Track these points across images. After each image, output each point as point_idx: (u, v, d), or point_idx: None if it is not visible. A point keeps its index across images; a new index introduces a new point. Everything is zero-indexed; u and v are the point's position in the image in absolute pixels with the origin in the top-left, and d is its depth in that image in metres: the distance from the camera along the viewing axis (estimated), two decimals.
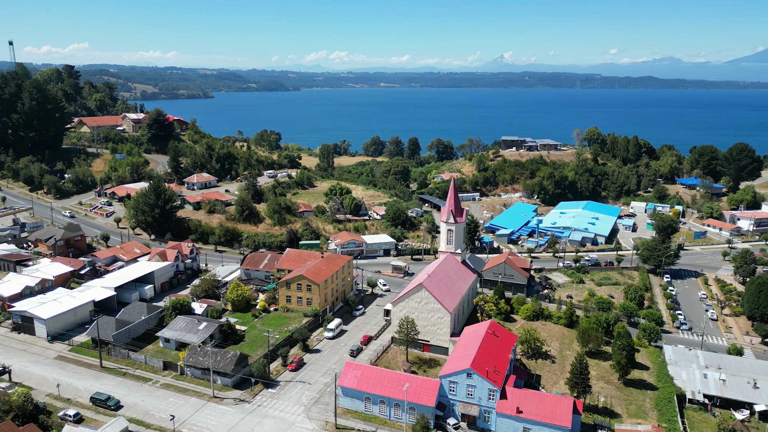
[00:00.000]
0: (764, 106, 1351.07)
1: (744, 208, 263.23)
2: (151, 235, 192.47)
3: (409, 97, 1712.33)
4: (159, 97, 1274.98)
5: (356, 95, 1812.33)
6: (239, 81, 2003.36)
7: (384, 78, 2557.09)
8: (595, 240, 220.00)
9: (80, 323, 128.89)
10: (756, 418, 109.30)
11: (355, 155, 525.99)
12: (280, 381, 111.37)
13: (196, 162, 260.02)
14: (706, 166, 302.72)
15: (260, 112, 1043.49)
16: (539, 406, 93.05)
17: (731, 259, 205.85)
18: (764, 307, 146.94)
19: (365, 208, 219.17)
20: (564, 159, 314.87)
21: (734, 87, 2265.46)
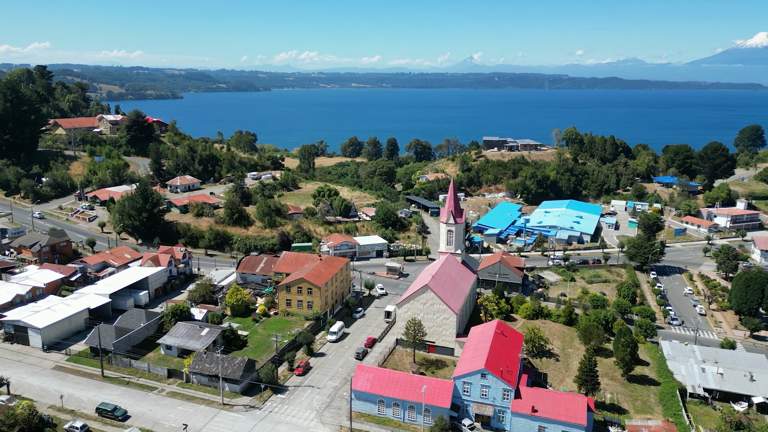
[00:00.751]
0: (724, 106, 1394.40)
1: (720, 205, 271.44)
2: (138, 239, 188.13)
3: (382, 97, 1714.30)
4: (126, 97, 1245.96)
5: (328, 96, 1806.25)
6: (208, 81, 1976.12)
7: (355, 78, 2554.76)
8: (581, 238, 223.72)
9: (75, 332, 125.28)
10: (754, 410, 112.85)
11: (332, 156, 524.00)
12: (288, 386, 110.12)
13: (178, 164, 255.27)
14: (681, 164, 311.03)
15: (232, 113, 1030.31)
16: (554, 405, 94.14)
17: (712, 255, 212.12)
18: (752, 302, 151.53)
19: (355, 209, 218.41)
20: (544, 159, 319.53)
21: (695, 87, 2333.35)
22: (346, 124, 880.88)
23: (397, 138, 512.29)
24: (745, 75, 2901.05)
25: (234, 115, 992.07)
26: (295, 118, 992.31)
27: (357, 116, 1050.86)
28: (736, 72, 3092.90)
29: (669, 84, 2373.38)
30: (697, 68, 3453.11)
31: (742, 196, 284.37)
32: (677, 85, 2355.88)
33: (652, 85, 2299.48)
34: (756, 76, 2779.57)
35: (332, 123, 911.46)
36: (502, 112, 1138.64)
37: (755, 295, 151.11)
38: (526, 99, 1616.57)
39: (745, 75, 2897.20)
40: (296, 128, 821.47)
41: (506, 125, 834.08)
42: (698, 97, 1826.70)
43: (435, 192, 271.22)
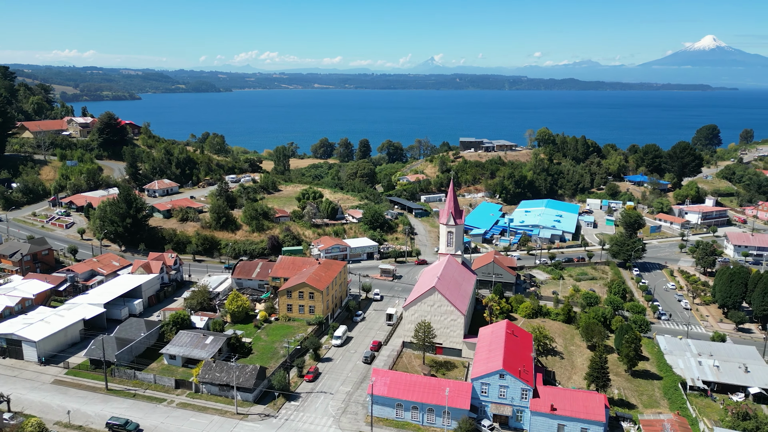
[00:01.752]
0: (675, 107, 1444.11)
1: (689, 202, 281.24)
2: (122, 246, 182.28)
3: (346, 98, 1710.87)
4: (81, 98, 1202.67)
5: (291, 96, 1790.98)
6: (167, 82, 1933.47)
7: (318, 79, 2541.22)
8: (563, 237, 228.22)
9: (71, 344, 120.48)
10: (750, 400, 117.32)
11: (303, 158, 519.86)
12: (300, 393, 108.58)
13: (155, 168, 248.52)
14: (651, 163, 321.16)
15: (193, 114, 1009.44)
16: (572, 403, 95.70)
17: (688, 251, 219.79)
18: (736, 296, 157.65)
19: (341, 211, 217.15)
20: (520, 159, 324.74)
21: (648, 88, 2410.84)
22: (312, 126, 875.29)
23: (367, 139, 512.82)
24: (693, 76, 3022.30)
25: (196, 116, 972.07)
26: (260, 120, 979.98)
27: (323, 117, 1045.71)
28: (685, 73, 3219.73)
29: (623, 85, 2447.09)
30: (648, 70, 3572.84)
31: (707, 194, 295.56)
32: (631, 86, 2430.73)
33: (608, 86, 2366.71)
34: (704, 78, 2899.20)
35: (298, 124, 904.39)
36: (467, 113, 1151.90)
37: (739, 289, 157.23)
38: (488, 100, 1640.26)
39: (694, 76, 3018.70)
40: (262, 129, 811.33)
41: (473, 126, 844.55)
42: (651, 97, 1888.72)
43: (416, 193, 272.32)
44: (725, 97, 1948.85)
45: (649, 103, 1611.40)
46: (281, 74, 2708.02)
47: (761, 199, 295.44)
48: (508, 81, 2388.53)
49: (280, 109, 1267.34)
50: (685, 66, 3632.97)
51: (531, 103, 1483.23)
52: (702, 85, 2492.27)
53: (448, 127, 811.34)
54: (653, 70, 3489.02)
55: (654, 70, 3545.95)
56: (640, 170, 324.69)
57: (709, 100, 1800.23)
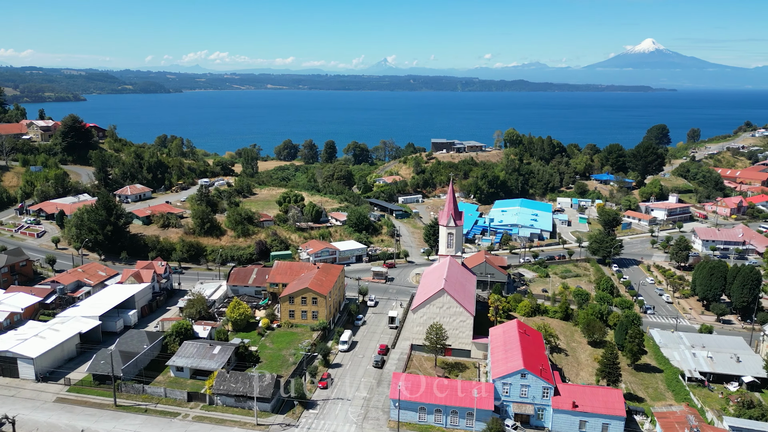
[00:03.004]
0: (620, 107, 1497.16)
1: (654, 199, 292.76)
2: (102, 255, 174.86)
3: (300, 99, 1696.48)
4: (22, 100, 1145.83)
5: (245, 97, 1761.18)
6: (112, 82, 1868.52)
7: (270, 80, 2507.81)
8: (541, 235, 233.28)
9: (67, 359, 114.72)
10: (744, 388, 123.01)
11: (267, 159, 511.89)
12: (317, 400, 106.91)
13: (125, 172, 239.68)
14: (615, 162, 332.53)
15: (144, 116, 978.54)
16: (593, 399, 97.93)
17: (660, 246, 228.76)
18: (716, 289, 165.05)
19: (325, 214, 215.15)
20: (491, 159, 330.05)
21: (593, 90, 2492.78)
22: (271, 127, 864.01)
23: (329, 139, 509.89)
24: (635, 78, 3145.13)
25: (147, 117, 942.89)
26: (216, 121, 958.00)
27: (280, 118, 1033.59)
28: (627, 75, 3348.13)
29: (570, 86, 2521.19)
30: (593, 71, 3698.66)
31: (667, 191, 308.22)
32: (577, 88, 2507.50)
33: (556, 88, 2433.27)
34: (645, 79, 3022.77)
35: (256, 126, 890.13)
36: (424, 114, 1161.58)
37: (719, 282, 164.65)
38: (443, 101, 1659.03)
39: (636, 78, 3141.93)
40: (219, 131, 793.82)
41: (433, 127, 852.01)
42: (597, 98, 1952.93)
43: (394, 194, 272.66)
44: (665, 98, 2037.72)
45: (595, 104, 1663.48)
46: (233, 75, 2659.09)
47: (719, 196, 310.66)
48: (461, 82, 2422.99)
49: (235, 110, 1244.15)
50: (626, 68, 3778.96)
51: (485, 104, 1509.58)
52: (643, 87, 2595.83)
53: (407, 127, 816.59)
54: (597, 72, 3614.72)
55: (598, 71, 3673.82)
56: (605, 169, 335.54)
57: (650, 100, 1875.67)
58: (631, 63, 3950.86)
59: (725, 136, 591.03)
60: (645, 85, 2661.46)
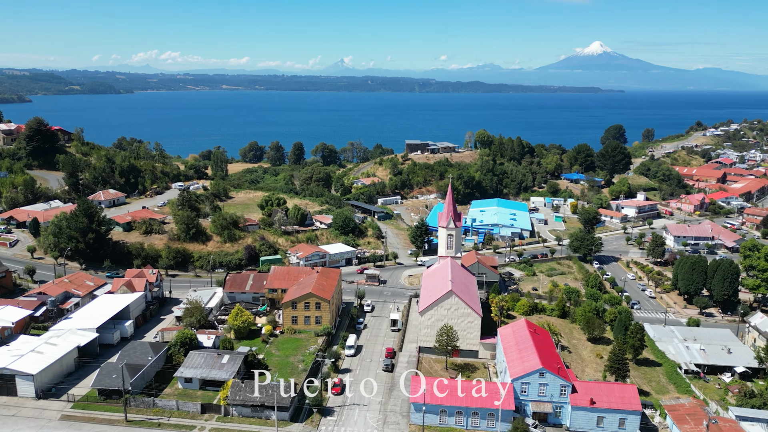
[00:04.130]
0: (571, 108, 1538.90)
1: (623, 197, 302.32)
2: (83, 264, 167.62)
3: (258, 100, 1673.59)
4: None
5: (200, 98, 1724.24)
6: (59, 82, 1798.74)
7: (225, 80, 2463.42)
8: (521, 234, 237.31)
9: (66, 374, 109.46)
10: (736, 378, 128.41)
11: (232, 162, 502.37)
12: (332, 407, 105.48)
13: (96, 177, 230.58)
14: (584, 162, 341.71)
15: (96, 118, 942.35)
16: (609, 395, 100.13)
17: (635, 243, 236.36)
18: (698, 283, 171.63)
19: (310, 217, 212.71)
20: (464, 160, 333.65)
21: (546, 91, 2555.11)
22: (231, 128, 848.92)
23: (289, 141, 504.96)
24: (585, 79, 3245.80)
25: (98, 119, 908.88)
26: (172, 123, 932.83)
27: (239, 119, 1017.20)
28: (577, 77, 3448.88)
29: (524, 87, 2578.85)
30: (545, 73, 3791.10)
31: (635, 189, 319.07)
32: (531, 89, 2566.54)
33: (510, 89, 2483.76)
34: (594, 80, 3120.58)
35: (215, 127, 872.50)
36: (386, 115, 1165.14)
37: (700, 276, 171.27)
38: (402, 102, 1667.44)
39: (585, 79, 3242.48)
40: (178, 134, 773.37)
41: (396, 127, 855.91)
42: (550, 99, 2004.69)
43: (373, 196, 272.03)
44: (614, 99, 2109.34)
45: (549, 104, 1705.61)
46: (186, 75, 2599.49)
47: (682, 193, 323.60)
48: (418, 83, 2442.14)
49: (191, 111, 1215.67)
50: (576, 70, 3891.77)
51: (444, 105, 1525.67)
52: (593, 88, 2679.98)
53: (371, 128, 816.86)
54: (549, 74, 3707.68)
55: (550, 73, 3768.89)
56: (574, 168, 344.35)
57: (600, 101, 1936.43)
58: (580, 65, 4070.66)
59: (678, 136, 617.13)
60: (594, 86, 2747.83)
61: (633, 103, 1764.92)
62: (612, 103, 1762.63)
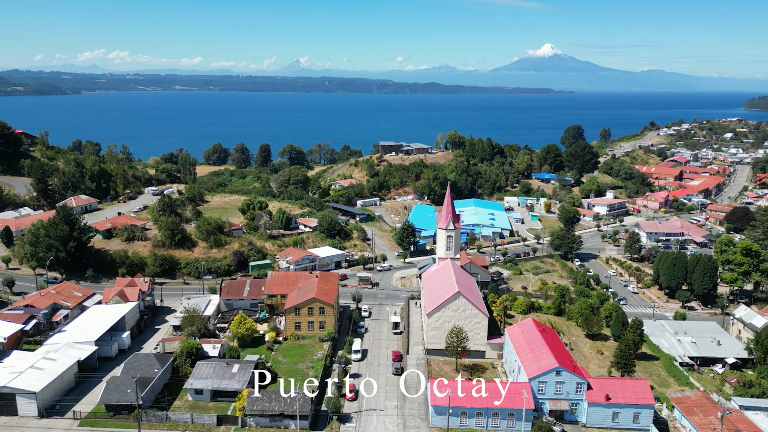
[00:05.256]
0: (526, 109, 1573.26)
1: (594, 196, 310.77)
2: (63, 274, 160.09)
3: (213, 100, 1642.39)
4: None
5: (152, 99, 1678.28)
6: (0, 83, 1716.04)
7: (178, 80, 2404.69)
8: (502, 234, 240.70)
9: (67, 390, 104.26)
10: (728, 368, 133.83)
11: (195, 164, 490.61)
12: (350, 413, 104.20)
13: (66, 183, 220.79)
14: (553, 161, 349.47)
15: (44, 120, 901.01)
16: (623, 391, 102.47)
17: (611, 240, 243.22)
18: (679, 278, 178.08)
19: (295, 221, 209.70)
20: (438, 161, 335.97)
21: (501, 92, 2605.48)
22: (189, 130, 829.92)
23: (250, 142, 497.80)
24: (537, 81, 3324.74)
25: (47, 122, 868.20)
26: (125, 124, 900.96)
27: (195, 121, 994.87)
28: (530, 78, 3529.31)
29: (479, 89, 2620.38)
30: (499, 75, 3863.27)
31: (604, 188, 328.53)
32: (486, 90, 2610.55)
33: (466, 90, 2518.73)
34: (546, 82, 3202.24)
35: (172, 129, 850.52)
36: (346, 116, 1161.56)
37: (681, 272, 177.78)
38: (361, 103, 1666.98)
39: (538, 81, 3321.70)
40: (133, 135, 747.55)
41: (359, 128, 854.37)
42: (505, 100, 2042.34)
43: (352, 198, 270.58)
44: (566, 100, 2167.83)
45: (505, 105, 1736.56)
46: (136, 75, 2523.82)
47: (647, 191, 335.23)
48: (376, 84, 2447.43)
49: (145, 112, 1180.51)
50: (529, 71, 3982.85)
51: (403, 106, 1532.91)
52: (545, 89, 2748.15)
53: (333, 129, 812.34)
54: (503, 75, 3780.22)
55: (503, 75, 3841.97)
56: (544, 168, 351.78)
57: (552, 102, 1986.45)
58: (532, 66, 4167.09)
59: (634, 135, 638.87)
60: (547, 87, 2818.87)
61: (584, 104, 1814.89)
62: (564, 104, 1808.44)
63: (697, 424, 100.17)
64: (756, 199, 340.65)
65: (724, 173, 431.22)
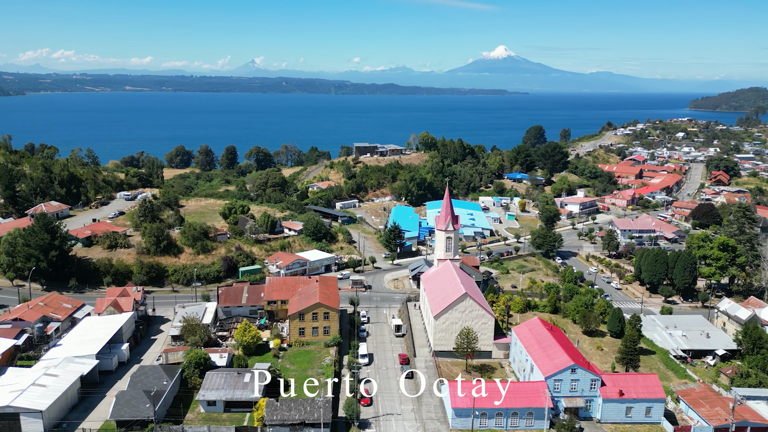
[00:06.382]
0: (483, 110, 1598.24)
1: (565, 194, 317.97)
2: (44, 285, 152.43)
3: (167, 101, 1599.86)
4: None
5: (102, 100, 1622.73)
6: None
7: (128, 81, 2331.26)
8: (483, 234, 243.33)
9: (70, 407, 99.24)
10: (718, 360, 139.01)
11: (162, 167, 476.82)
12: (368, 419, 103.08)
13: (34, 189, 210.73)
14: (524, 161, 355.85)
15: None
16: (635, 386, 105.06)
17: (587, 237, 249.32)
18: (660, 274, 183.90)
19: (280, 224, 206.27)
20: (413, 162, 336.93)
21: (457, 93, 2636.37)
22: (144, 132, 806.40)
23: (211, 144, 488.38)
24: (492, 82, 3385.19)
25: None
26: (76, 126, 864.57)
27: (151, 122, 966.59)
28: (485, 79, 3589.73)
29: (437, 90, 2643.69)
30: (455, 76, 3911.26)
31: (574, 187, 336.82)
32: (443, 91, 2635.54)
33: (424, 91, 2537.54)
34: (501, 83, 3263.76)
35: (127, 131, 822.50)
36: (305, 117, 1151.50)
37: (662, 267, 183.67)
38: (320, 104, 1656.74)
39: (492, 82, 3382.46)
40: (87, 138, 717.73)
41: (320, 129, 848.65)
42: (462, 101, 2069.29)
43: (331, 200, 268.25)
44: (520, 101, 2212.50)
45: (462, 106, 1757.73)
46: (83, 75, 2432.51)
47: (614, 189, 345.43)
48: (334, 85, 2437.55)
49: (95, 114, 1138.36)
50: (484, 73, 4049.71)
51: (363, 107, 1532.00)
52: (500, 90, 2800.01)
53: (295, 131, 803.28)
54: (459, 77, 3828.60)
55: (459, 76, 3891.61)
56: (515, 168, 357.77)
57: (508, 103, 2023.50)
58: (487, 68, 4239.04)
59: (593, 135, 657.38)
60: (501, 88, 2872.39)
61: (538, 105, 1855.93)
62: (519, 105, 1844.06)
63: (705, 415, 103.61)
64: (714, 195, 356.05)
65: (680, 171, 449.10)
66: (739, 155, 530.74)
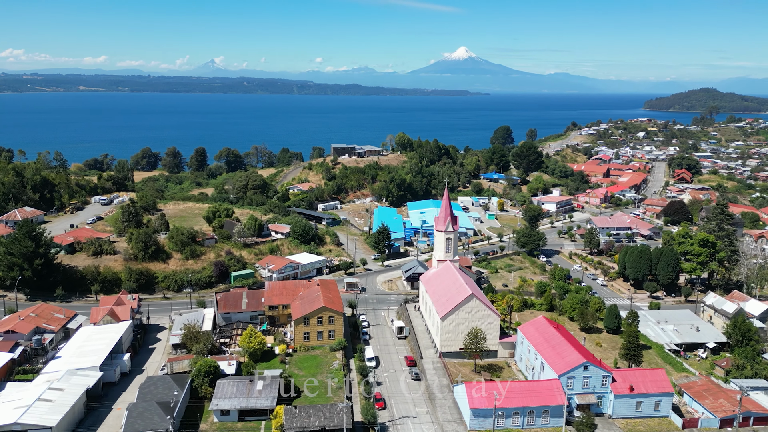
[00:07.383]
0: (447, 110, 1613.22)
1: (541, 194, 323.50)
2: (27, 294, 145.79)
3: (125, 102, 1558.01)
4: None
5: (55, 100, 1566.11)
6: None
7: (82, 80, 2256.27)
8: (466, 233, 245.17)
9: (77, 421, 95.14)
10: (710, 353, 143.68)
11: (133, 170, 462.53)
12: (385, 423, 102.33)
13: (6, 194, 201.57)
14: (499, 161, 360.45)
15: None
16: (644, 381, 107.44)
17: (567, 236, 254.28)
18: (644, 270, 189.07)
19: (267, 228, 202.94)
20: (392, 163, 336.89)
21: (420, 94, 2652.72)
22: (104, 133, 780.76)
23: (176, 146, 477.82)
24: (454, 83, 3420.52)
25: None
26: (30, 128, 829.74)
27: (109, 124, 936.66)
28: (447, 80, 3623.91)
29: (399, 90, 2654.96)
30: (417, 77, 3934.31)
31: (549, 186, 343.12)
32: (406, 92, 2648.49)
33: (387, 92, 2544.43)
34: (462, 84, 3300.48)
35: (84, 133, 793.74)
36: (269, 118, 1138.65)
37: (646, 263, 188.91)
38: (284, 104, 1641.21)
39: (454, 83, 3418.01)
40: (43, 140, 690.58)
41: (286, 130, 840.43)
42: (425, 102, 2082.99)
43: (313, 202, 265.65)
44: (482, 101, 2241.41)
45: (426, 107, 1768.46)
46: (34, 75, 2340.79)
47: (587, 188, 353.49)
48: (296, 85, 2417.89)
49: (49, 115, 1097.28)
50: (445, 74, 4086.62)
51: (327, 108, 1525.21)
52: (462, 91, 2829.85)
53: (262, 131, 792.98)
54: (421, 77, 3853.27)
55: (422, 77, 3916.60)
56: (491, 168, 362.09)
57: (470, 103, 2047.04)
58: (449, 69, 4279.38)
59: (559, 135, 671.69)
60: (463, 89, 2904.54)
61: (500, 105, 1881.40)
62: (482, 106, 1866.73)
63: (710, 407, 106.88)
64: (679, 192, 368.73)
65: (645, 170, 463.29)
66: (698, 154, 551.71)
